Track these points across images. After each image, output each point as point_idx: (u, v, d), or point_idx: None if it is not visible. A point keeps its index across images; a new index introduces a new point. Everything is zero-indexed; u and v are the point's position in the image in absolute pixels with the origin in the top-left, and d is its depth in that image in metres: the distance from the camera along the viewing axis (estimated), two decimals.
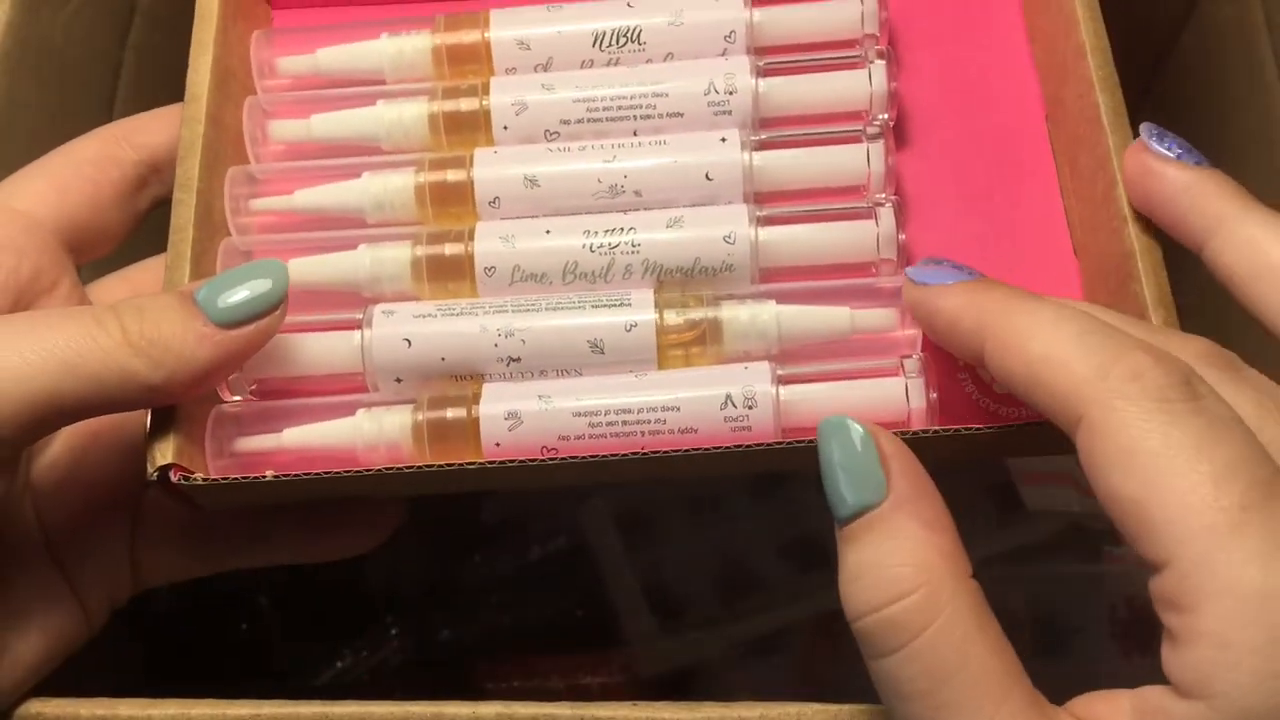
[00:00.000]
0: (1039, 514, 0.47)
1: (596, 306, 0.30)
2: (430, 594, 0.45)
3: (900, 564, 0.23)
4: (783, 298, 0.31)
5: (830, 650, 0.45)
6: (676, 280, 0.31)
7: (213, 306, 0.27)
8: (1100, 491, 0.23)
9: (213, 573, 0.34)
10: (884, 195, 0.32)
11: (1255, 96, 0.40)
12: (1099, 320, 0.24)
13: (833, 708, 0.28)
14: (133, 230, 0.34)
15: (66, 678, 0.31)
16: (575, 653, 0.44)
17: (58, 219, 0.31)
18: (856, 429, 0.24)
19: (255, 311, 0.28)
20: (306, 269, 0.31)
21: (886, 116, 0.33)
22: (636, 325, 0.30)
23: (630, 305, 0.30)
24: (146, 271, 0.34)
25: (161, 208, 0.34)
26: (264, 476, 0.28)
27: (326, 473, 0.28)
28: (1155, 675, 0.23)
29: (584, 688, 0.43)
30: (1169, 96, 0.46)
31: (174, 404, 0.28)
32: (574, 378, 0.30)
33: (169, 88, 0.42)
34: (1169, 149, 0.29)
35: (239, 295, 0.28)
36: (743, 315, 0.30)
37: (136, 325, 0.27)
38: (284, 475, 0.28)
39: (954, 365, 0.29)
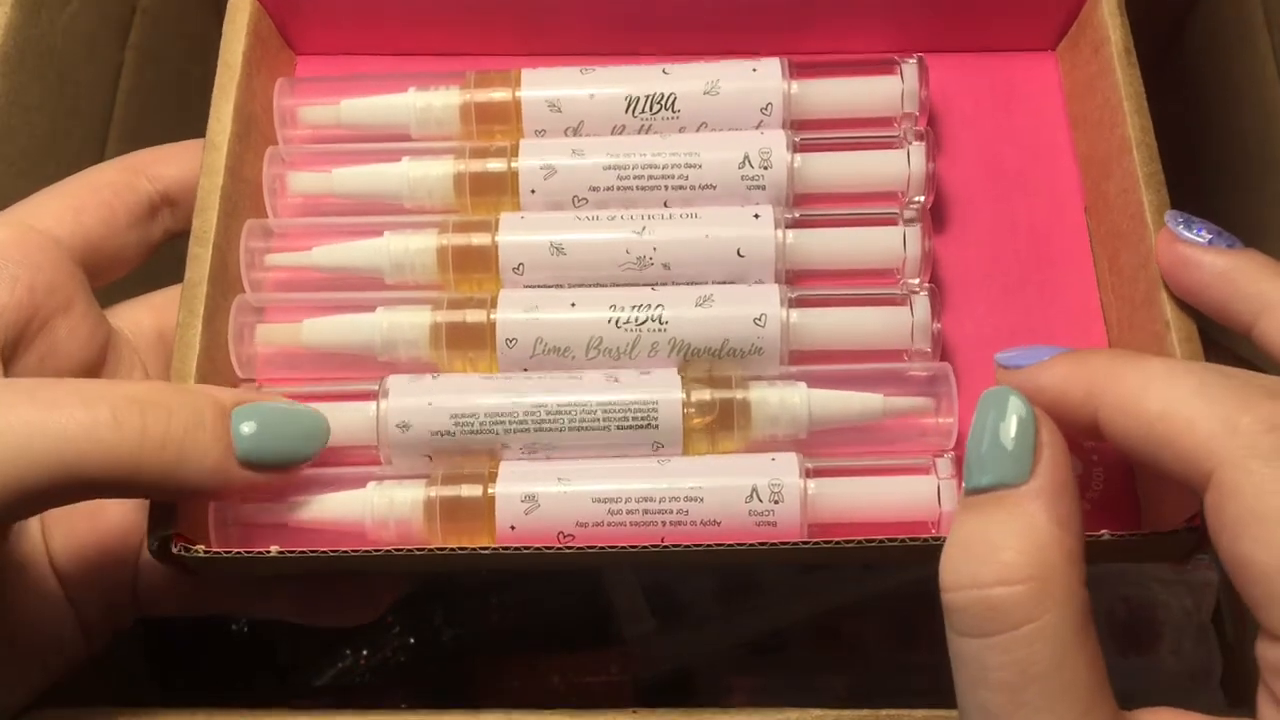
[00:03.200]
0: None
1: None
2: (432, 593, 0.44)
3: (1018, 549, 0.22)
4: (813, 381, 0.30)
5: (831, 652, 0.44)
6: (704, 360, 0.30)
7: (242, 437, 0.26)
8: (1226, 555, 0.22)
9: (213, 613, 0.34)
10: (919, 282, 0.31)
11: (1256, 95, 0.40)
12: (1216, 369, 0.23)
13: (832, 713, 0.27)
14: (145, 258, 0.33)
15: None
16: (576, 652, 0.43)
17: (73, 238, 0.31)
18: (1020, 409, 0.23)
19: (283, 464, 0.27)
20: (321, 330, 0.30)
21: (923, 199, 0.32)
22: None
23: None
24: (169, 297, 0.33)
25: (173, 241, 0.33)
26: (267, 552, 0.27)
27: (331, 551, 0.27)
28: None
29: (585, 686, 0.42)
30: (1170, 97, 0.46)
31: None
32: (594, 459, 0.29)
33: (169, 88, 0.43)
34: (1199, 235, 0.28)
35: (274, 445, 0.27)
36: (772, 398, 0.29)
37: (160, 428, 0.25)
38: (287, 552, 0.27)
39: None
